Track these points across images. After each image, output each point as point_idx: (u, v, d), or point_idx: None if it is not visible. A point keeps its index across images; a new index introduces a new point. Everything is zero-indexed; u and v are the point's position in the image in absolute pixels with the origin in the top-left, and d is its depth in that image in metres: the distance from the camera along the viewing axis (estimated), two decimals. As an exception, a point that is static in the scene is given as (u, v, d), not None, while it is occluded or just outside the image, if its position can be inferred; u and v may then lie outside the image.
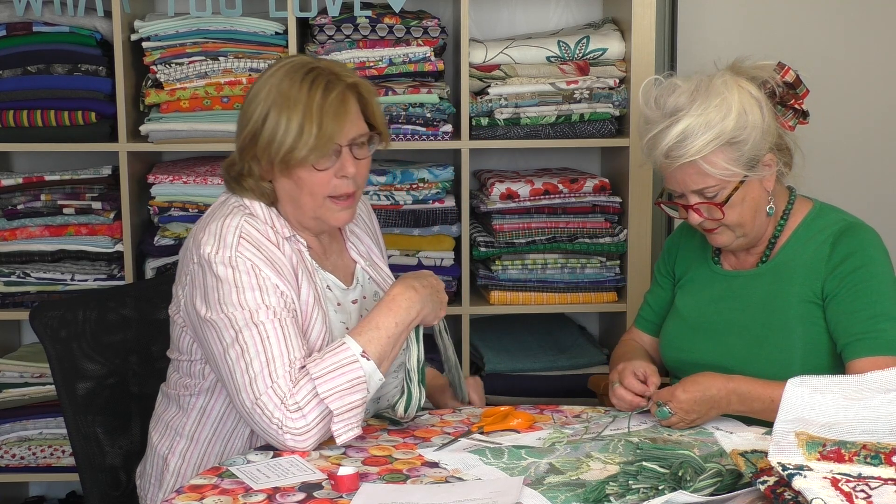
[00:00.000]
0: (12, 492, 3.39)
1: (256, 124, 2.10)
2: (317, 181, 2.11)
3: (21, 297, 3.11)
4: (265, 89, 2.11)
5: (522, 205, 3.15)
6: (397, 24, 3.09)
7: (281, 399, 1.97)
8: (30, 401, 3.13)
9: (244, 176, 2.15)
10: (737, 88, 2.18)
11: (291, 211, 2.16)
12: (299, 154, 2.07)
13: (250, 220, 2.11)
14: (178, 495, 1.80)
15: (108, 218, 3.12)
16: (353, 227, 2.34)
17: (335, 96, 2.08)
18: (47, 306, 2.34)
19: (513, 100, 3.11)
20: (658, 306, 2.51)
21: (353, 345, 2.01)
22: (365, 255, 2.33)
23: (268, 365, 1.99)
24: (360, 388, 1.99)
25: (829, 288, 2.22)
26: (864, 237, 2.25)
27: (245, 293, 2.03)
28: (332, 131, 2.07)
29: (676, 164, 2.18)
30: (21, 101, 3.06)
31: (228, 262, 2.04)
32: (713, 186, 2.20)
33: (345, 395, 1.97)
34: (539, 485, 1.80)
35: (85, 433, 2.32)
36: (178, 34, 3.08)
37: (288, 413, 1.96)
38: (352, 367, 1.99)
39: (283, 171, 2.11)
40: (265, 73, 2.14)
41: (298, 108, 2.06)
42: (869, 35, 3.57)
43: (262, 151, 2.10)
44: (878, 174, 3.61)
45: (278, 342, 2.01)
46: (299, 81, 2.09)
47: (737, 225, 2.24)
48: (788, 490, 1.58)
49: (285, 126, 2.07)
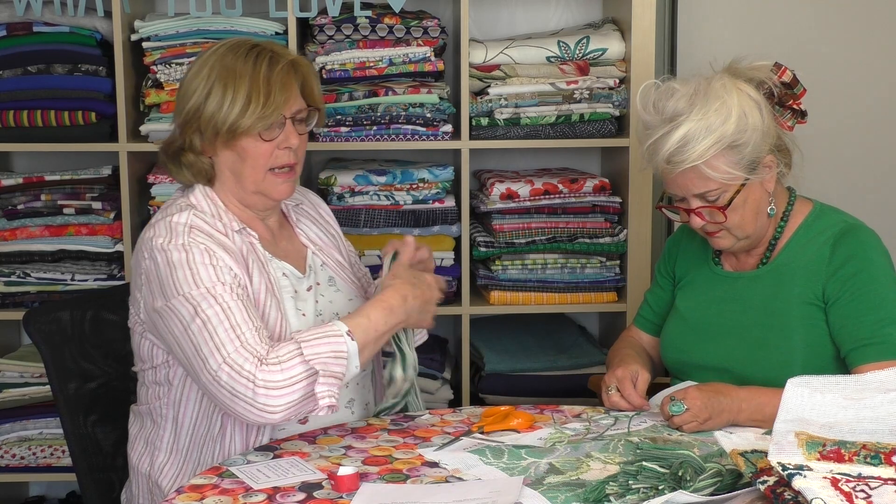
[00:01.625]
0: (12, 492, 3.39)
1: (200, 98, 2.14)
2: (261, 151, 2.15)
3: (21, 297, 3.12)
4: (208, 66, 2.16)
5: (522, 205, 3.15)
6: (397, 24, 3.09)
7: (253, 355, 1.95)
8: (30, 401, 3.13)
9: (184, 151, 2.19)
10: (736, 91, 2.18)
11: (232, 188, 2.20)
12: (246, 122, 2.11)
13: (199, 215, 2.14)
14: (178, 495, 1.80)
15: (109, 218, 3.12)
16: (299, 216, 2.37)
17: (281, 69, 2.15)
18: (41, 310, 2.35)
19: (513, 100, 3.11)
20: (658, 306, 2.52)
21: (340, 325, 2.03)
22: (315, 241, 2.35)
23: (233, 329, 1.98)
24: (342, 362, 1.99)
25: (831, 291, 2.22)
26: (865, 239, 2.25)
27: (200, 273, 2.04)
28: (278, 101, 2.13)
29: (678, 170, 2.18)
30: (21, 101, 3.06)
31: (182, 247, 2.07)
32: (715, 190, 2.20)
33: (329, 363, 1.97)
34: (539, 485, 1.80)
35: (81, 434, 2.32)
36: (178, 34, 3.08)
37: (264, 367, 1.94)
38: (337, 340, 2.00)
39: (227, 143, 2.15)
40: (205, 53, 2.19)
41: (245, 80, 2.12)
42: (867, 35, 3.57)
43: (207, 123, 2.14)
44: (876, 173, 3.61)
45: (241, 311, 2.01)
46: (244, 56, 2.15)
47: (738, 228, 2.24)
48: (788, 490, 1.58)
49: (232, 96, 2.12)
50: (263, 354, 1.96)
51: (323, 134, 3.09)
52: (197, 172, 2.20)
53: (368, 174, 3.14)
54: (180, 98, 2.19)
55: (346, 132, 3.09)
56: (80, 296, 2.89)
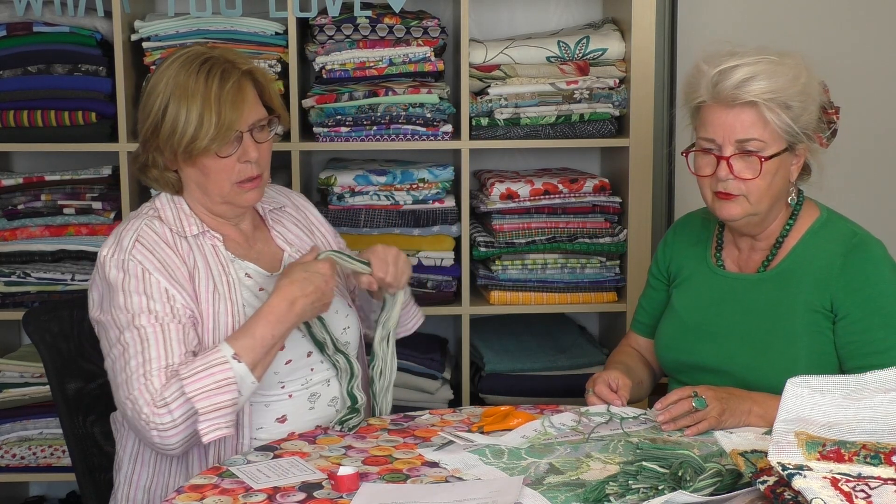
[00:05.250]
0: (12, 492, 3.39)
1: (157, 116, 2.15)
2: (222, 167, 2.16)
3: (21, 297, 3.12)
4: (162, 81, 2.15)
5: (522, 205, 3.15)
6: (397, 24, 3.09)
7: (151, 396, 2.01)
8: (30, 401, 3.13)
9: (148, 167, 2.21)
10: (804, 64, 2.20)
11: (200, 198, 2.22)
12: (201, 144, 2.12)
13: (151, 224, 2.17)
14: (178, 495, 1.80)
15: (109, 218, 3.12)
16: (278, 219, 2.38)
17: (231, 85, 2.14)
18: (41, 310, 2.36)
19: (513, 100, 3.11)
20: (653, 308, 2.51)
21: (226, 348, 2.04)
22: (294, 243, 2.35)
23: (143, 365, 2.03)
24: (229, 388, 2.01)
25: (840, 304, 2.21)
26: (876, 253, 2.24)
27: (131, 297, 2.09)
28: (230, 119, 2.13)
29: (740, 100, 2.15)
30: (21, 102, 3.05)
31: (121, 265, 2.11)
32: (758, 140, 2.17)
33: (212, 395, 2.00)
34: (539, 485, 1.80)
35: (81, 434, 2.32)
36: (178, 34, 3.07)
37: (155, 409, 2.00)
38: (221, 368, 2.01)
39: (188, 161, 2.16)
40: (161, 66, 2.19)
41: (196, 99, 2.12)
42: (872, 37, 3.57)
43: (165, 142, 2.15)
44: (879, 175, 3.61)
45: (156, 345, 2.05)
46: (195, 73, 2.14)
47: (758, 196, 2.20)
48: (788, 490, 1.58)
49: (185, 117, 2.12)
50: (157, 395, 2.01)
51: (323, 134, 3.09)
52: (164, 184, 2.23)
53: (368, 174, 3.14)
54: (141, 112, 2.20)
55: (346, 132, 3.09)
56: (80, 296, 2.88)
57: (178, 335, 2.07)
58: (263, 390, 2.16)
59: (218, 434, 2.00)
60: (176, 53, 2.20)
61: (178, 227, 2.19)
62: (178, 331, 2.08)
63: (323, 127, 3.09)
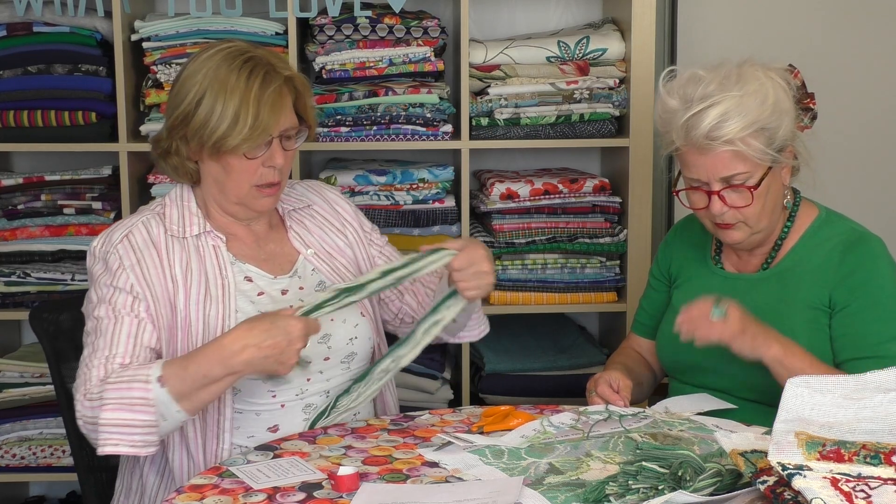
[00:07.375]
0: (12, 492, 3.39)
1: (190, 106, 2.12)
2: (245, 168, 2.14)
3: (21, 297, 3.11)
4: (202, 72, 2.12)
5: (522, 205, 3.15)
6: (397, 24, 3.10)
7: (86, 386, 2.01)
8: (30, 401, 3.13)
9: (170, 154, 2.18)
10: (768, 77, 2.19)
11: (215, 194, 2.20)
12: (232, 142, 2.09)
13: (147, 223, 2.17)
14: (178, 495, 1.80)
15: (109, 218, 3.12)
16: (299, 219, 2.33)
17: (273, 89, 2.11)
18: (47, 306, 2.35)
19: (513, 100, 3.11)
20: (653, 309, 2.51)
21: (156, 369, 1.97)
22: (312, 245, 2.30)
23: (91, 355, 2.05)
24: (144, 409, 1.94)
25: (838, 298, 2.22)
26: (875, 250, 2.24)
27: (101, 288, 2.11)
28: (267, 123, 2.10)
29: (713, 148, 2.15)
30: (21, 101, 3.06)
31: (103, 256, 2.14)
32: (743, 173, 2.17)
33: (121, 409, 1.94)
34: (539, 485, 1.80)
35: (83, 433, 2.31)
36: (178, 34, 3.08)
37: (84, 401, 2.00)
38: (140, 386, 1.95)
39: (213, 156, 2.14)
40: (201, 56, 2.15)
41: (235, 96, 2.08)
42: (870, 37, 3.57)
43: (193, 134, 2.13)
44: (878, 175, 3.61)
45: (104, 335, 2.06)
46: (238, 69, 2.10)
47: (757, 218, 2.22)
48: (788, 490, 1.58)
49: (220, 112, 2.09)
50: (90, 388, 2.00)
51: (323, 134, 3.09)
52: (182, 174, 2.20)
53: (368, 174, 3.14)
54: (172, 99, 2.17)
55: (346, 132, 3.10)
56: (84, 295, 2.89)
57: (130, 328, 2.06)
58: (252, 398, 2.13)
59: (115, 450, 1.95)
60: (217, 45, 2.16)
61: (178, 227, 2.18)
62: (130, 324, 2.06)
63: (323, 127, 3.09)
